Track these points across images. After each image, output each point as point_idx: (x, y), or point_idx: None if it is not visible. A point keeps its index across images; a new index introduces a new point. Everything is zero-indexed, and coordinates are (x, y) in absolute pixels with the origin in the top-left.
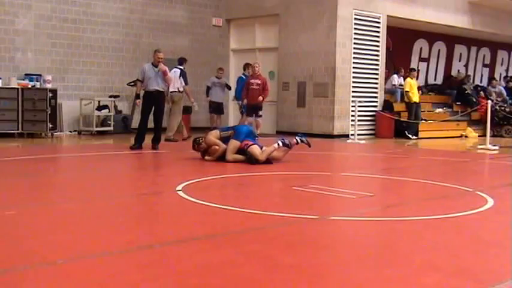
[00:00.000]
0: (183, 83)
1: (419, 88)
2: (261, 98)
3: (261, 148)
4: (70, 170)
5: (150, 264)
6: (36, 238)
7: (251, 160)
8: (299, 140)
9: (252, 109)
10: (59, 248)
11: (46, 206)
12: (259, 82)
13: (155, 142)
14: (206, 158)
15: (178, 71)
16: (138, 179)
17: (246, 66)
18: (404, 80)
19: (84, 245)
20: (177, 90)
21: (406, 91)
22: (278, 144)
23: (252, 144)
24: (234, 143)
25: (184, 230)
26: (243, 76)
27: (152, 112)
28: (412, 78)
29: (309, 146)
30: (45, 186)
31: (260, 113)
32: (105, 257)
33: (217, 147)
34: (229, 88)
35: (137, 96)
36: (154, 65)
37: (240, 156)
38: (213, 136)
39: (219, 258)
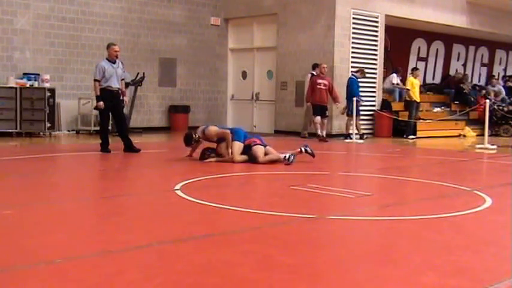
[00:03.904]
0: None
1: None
2: (338, 104)
3: (265, 147)
4: (68, 169)
5: (148, 263)
6: (34, 237)
7: (252, 159)
8: (303, 150)
9: (320, 109)
10: (57, 247)
11: (44, 206)
12: (326, 83)
13: (132, 148)
14: (211, 160)
15: (309, 75)
16: (136, 178)
17: (361, 72)
18: (402, 79)
19: (82, 244)
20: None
21: (407, 89)
22: (284, 157)
23: (259, 144)
24: (238, 144)
25: (182, 229)
26: (353, 77)
27: (112, 116)
28: (416, 77)
29: (313, 156)
30: (42, 186)
31: (327, 113)
32: (104, 256)
33: (223, 138)
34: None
35: (99, 98)
36: (111, 60)
37: (246, 157)
38: (213, 130)
39: (217, 258)
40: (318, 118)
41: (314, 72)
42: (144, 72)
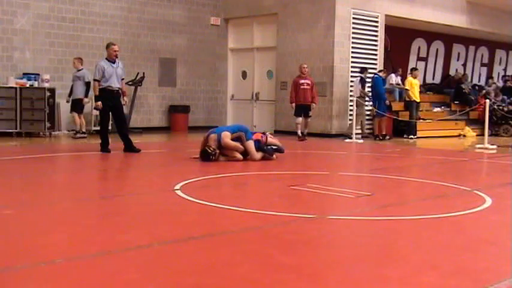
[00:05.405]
0: (361, 88)
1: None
2: (314, 105)
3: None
4: (68, 169)
5: (148, 264)
6: (35, 237)
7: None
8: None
9: (302, 109)
10: (58, 247)
11: (44, 206)
12: (309, 82)
13: (132, 149)
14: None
15: (359, 78)
16: (136, 178)
17: (384, 72)
18: (401, 79)
19: (82, 244)
20: (359, 95)
21: (406, 89)
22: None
23: (261, 138)
24: (251, 144)
25: (182, 229)
26: (378, 76)
27: (112, 116)
28: (415, 77)
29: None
30: (42, 186)
31: (310, 113)
32: (104, 256)
33: (238, 150)
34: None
35: (98, 98)
36: (111, 60)
37: (261, 153)
38: (229, 138)
39: (217, 258)
40: (300, 119)
41: (363, 75)
42: (144, 72)
